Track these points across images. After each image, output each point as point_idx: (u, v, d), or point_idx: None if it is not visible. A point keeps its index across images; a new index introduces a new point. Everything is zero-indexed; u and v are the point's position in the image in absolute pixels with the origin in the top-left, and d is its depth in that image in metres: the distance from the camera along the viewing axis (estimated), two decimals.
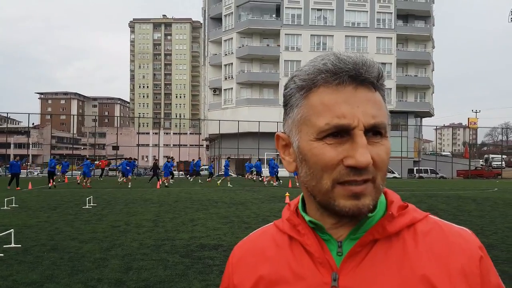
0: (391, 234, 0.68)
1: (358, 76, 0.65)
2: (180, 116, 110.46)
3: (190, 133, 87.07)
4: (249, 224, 9.71)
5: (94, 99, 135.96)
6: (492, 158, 61.93)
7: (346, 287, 0.66)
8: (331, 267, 0.68)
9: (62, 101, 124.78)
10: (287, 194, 15.71)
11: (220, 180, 27.01)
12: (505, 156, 63.51)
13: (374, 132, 0.65)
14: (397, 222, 0.69)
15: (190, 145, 71.49)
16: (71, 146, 75.32)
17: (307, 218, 0.71)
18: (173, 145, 63.41)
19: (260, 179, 29.28)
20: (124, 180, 25.99)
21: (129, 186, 23.37)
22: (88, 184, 23.35)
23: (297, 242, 0.72)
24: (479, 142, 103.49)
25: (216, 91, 54.49)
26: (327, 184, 0.65)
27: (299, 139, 0.68)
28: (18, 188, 20.95)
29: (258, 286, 0.73)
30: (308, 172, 0.67)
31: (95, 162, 34.77)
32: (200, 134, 65.98)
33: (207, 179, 30.69)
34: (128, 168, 25.53)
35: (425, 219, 0.72)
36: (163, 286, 4.92)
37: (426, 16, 54.52)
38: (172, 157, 27.35)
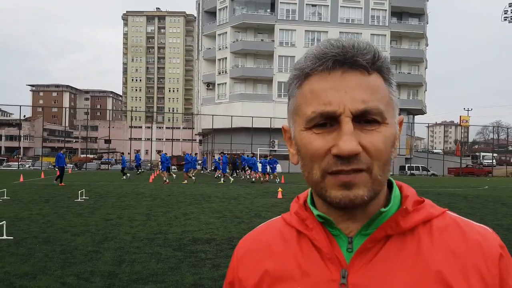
0: (405, 230, 0.65)
1: (346, 60, 0.62)
2: (173, 110, 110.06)
3: (183, 128, 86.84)
4: (242, 218, 9.74)
5: (86, 92, 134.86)
6: (483, 156, 62.63)
7: (355, 284, 0.63)
8: (340, 263, 0.65)
9: (54, 94, 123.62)
10: (279, 189, 15.78)
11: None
12: (496, 154, 64.24)
13: (368, 119, 0.61)
14: (412, 218, 0.66)
15: (183, 139, 71.32)
16: (63, 139, 74.78)
17: (315, 212, 0.69)
18: (166, 139, 63.19)
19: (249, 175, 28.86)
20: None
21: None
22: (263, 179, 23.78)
23: (305, 236, 0.70)
24: (470, 140, 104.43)
25: (210, 85, 54.30)
26: (317, 174, 0.63)
27: (294, 129, 0.67)
28: (62, 183, 19.00)
29: (264, 281, 0.70)
30: (302, 163, 0.66)
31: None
32: (193, 128, 65.79)
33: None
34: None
35: (442, 215, 0.68)
36: (155, 279, 4.94)
37: (420, 14, 54.73)
38: (227, 153, 26.67)
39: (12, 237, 7.01)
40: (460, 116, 56.20)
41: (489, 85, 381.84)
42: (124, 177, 25.61)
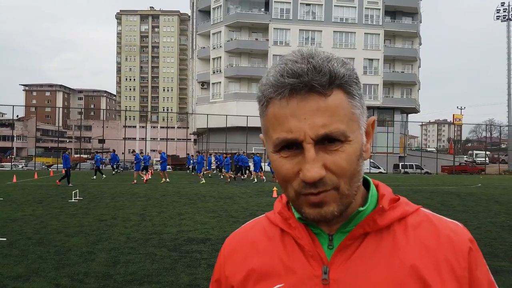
0: (381, 227, 0.69)
1: (301, 87, 0.63)
2: (167, 110, 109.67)
3: (178, 127, 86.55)
4: (237, 218, 9.75)
5: (80, 91, 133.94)
6: (476, 154, 63.19)
7: (336, 280, 0.67)
8: (322, 260, 0.69)
9: (47, 93, 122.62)
10: (274, 188, 15.80)
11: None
12: (489, 152, 64.74)
13: (330, 139, 0.63)
14: (388, 216, 0.70)
15: (178, 139, 71.09)
16: (57, 139, 74.24)
17: (296, 215, 0.72)
18: (160, 139, 62.95)
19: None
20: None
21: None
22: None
23: (289, 235, 0.73)
24: (463, 138, 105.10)
25: (204, 85, 54.15)
26: (291, 193, 0.66)
27: (267, 148, 0.70)
28: (59, 183, 18.93)
29: (249, 279, 0.73)
30: (278, 181, 0.69)
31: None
32: (188, 128, 65.61)
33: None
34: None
35: (416, 212, 0.72)
36: (150, 279, 4.93)
37: (413, 13, 54.95)
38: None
39: (5, 239, 6.95)
40: (453, 115, 56.57)
41: (482, 83, 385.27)
42: (94, 176, 25.11)
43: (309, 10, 50.68)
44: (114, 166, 31.38)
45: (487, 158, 56.59)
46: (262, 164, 28.88)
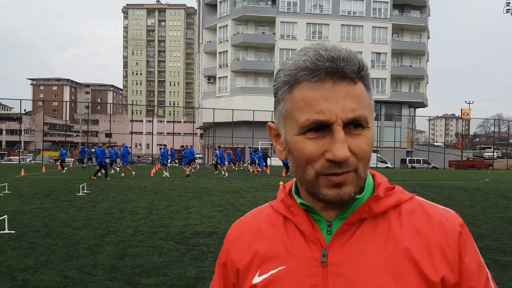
0: (377, 214, 0.73)
1: (336, 72, 0.67)
2: (173, 104, 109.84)
3: (184, 122, 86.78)
4: (243, 212, 9.75)
5: (87, 85, 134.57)
6: (484, 149, 62.67)
7: (334, 262, 0.72)
8: (321, 244, 0.74)
9: (54, 88, 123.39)
10: (281, 183, 15.81)
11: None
12: (499, 149, 64.12)
13: (355, 124, 0.68)
14: (383, 203, 0.74)
15: (184, 133, 71.29)
16: (64, 133, 74.78)
17: (298, 200, 0.77)
18: (167, 133, 63.17)
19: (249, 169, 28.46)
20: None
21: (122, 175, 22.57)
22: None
23: (291, 221, 0.78)
24: (471, 133, 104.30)
25: (211, 79, 54.12)
26: (311, 174, 0.69)
27: (285, 132, 0.73)
28: (95, 178, 19.12)
29: (254, 261, 0.79)
30: (294, 163, 0.72)
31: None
32: (194, 122, 65.76)
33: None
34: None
35: (410, 200, 0.77)
36: (158, 272, 4.96)
37: (422, 6, 54.37)
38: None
39: (14, 231, 7.03)
40: (461, 109, 55.96)
41: (491, 78, 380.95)
42: (64, 170, 25.13)
43: (316, 3, 50.30)
44: (84, 160, 32.18)
45: (495, 153, 56.05)
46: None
